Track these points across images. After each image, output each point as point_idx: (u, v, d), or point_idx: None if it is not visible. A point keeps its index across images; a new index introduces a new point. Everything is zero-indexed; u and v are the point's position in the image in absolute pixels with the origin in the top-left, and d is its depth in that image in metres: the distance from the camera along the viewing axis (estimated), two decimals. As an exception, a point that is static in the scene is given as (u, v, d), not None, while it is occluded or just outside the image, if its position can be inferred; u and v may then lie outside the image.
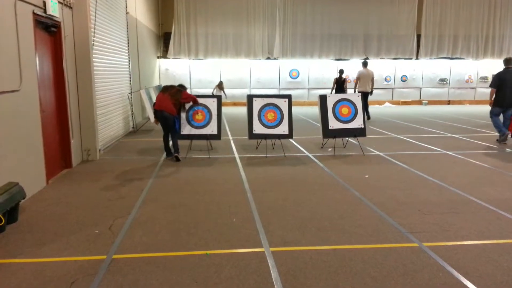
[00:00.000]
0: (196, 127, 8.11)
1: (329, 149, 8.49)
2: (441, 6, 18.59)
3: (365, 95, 12.53)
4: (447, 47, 18.88)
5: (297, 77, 19.13)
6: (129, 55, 11.29)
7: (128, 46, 11.25)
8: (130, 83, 11.39)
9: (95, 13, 8.06)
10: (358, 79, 13.29)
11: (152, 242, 3.99)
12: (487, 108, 10.09)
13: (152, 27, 16.42)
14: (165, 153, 7.89)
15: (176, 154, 7.60)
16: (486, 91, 18.84)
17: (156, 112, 7.66)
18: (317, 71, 18.97)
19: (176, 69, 18.34)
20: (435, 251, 3.79)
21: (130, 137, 10.27)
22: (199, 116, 8.13)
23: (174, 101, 7.60)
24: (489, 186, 5.97)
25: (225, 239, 4.06)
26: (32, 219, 4.64)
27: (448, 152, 8.31)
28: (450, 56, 18.90)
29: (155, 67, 17.38)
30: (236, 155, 8.11)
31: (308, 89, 19.02)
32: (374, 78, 13.89)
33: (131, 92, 11.30)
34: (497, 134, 9.55)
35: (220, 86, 16.57)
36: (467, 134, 10.57)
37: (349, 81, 16.64)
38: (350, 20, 18.30)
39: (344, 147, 8.74)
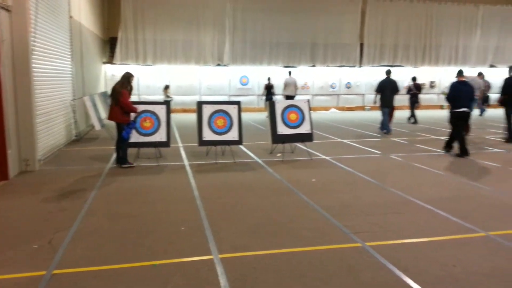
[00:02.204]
0: (144, 135, 7.93)
1: (278, 155, 8.63)
2: (382, 16, 19.53)
3: (290, 98, 15.01)
4: (388, 55, 19.85)
5: (247, 84, 19.29)
6: (72, 60, 10.85)
7: (72, 51, 10.82)
8: (73, 90, 10.94)
9: (36, 17, 7.69)
10: (284, 85, 15.88)
11: (96, 255, 3.85)
12: (426, 113, 10.75)
13: (98, 32, 15.90)
14: (115, 161, 7.71)
15: (121, 165, 7.46)
16: (425, 97, 19.80)
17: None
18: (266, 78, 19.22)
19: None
20: (377, 250, 3.97)
21: (73, 146, 9.85)
22: (147, 123, 7.96)
23: (117, 104, 7.38)
24: (426, 186, 6.34)
25: (174, 249, 4.00)
26: (-37, 236, 4.32)
27: (390, 155, 8.73)
28: (391, 64, 19.87)
29: (100, 73, 16.81)
30: (186, 162, 8.03)
31: (258, 95, 19.22)
32: (320, 85, 14.52)
33: (74, 99, 10.85)
34: (433, 137, 10.16)
35: (166, 90, 16.30)
36: (406, 138, 11.16)
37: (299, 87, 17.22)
38: (298, 28, 18.76)
39: (292, 152, 8.92)
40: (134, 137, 7.76)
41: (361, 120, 15.86)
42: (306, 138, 8.56)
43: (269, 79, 16.64)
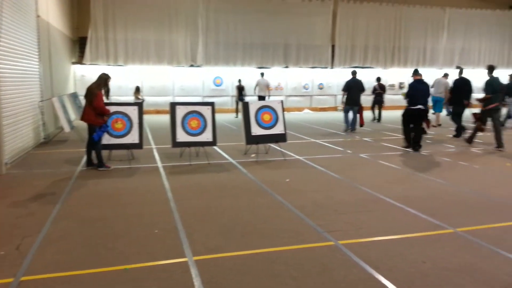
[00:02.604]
0: (116, 136, 7.79)
1: (252, 155, 8.65)
2: (353, 18, 19.88)
3: (261, 99, 15.58)
4: (358, 57, 20.21)
5: (221, 85, 19.23)
6: (40, 60, 10.53)
7: (39, 51, 10.50)
8: (41, 91, 10.62)
9: (1, 15, 7.42)
10: (256, 85, 16.44)
11: (66, 260, 3.75)
12: (394, 113, 11.03)
13: (67, 32, 15.49)
14: (85, 163, 7.54)
15: (98, 168, 7.34)
16: (392, 98, 20.25)
17: None
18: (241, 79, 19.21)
19: (93, 75, 17.26)
20: (350, 248, 4.04)
21: (41, 149, 9.56)
22: (118, 125, 7.82)
23: (91, 103, 7.26)
24: (396, 184, 6.50)
25: (147, 252, 3.95)
26: None
27: (360, 155, 8.90)
28: (361, 66, 20.26)
29: (69, 74, 16.38)
30: (159, 164, 7.94)
31: (232, 96, 19.18)
32: (294, 86, 14.66)
33: (42, 100, 10.53)
34: (400, 136, 10.43)
35: (137, 92, 16.03)
36: (375, 137, 11.41)
37: (270, 88, 17.40)
38: (270, 30, 18.84)
39: (267, 153, 8.96)
40: (106, 139, 7.61)
41: (334, 120, 16.08)
42: (279, 138, 8.62)
43: (239, 81, 16.98)
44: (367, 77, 17.46)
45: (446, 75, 14.12)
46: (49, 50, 11.85)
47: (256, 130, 8.42)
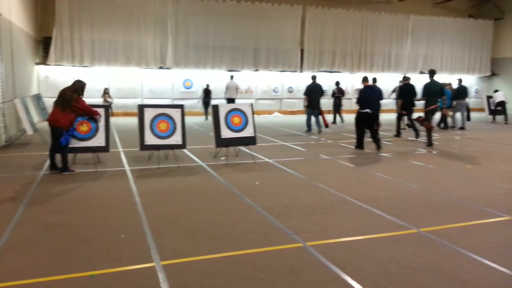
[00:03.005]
0: (81, 139, 7.59)
1: (222, 158, 8.64)
2: (321, 24, 20.19)
3: (231, 101, 15.72)
4: (327, 61, 20.54)
5: (191, 87, 19.09)
6: (1, 61, 10.12)
7: (0, 51, 10.09)
8: (3, 92, 10.20)
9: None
10: (226, 88, 16.64)
11: (28, 267, 3.62)
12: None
13: (30, 31, 14.95)
14: (49, 167, 7.30)
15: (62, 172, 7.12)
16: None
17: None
18: (211, 82, 19.14)
19: (58, 76, 16.91)
20: (317, 249, 4.11)
21: (2, 152, 9.17)
22: (84, 128, 7.62)
23: (66, 109, 7.06)
24: (363, 186, 6.66)
25: (113, 258, 3.87)
26: None
27: (327, 157, 9.06)
28: (329, 70, 20.62)
29: (32, 74, 15.83)
30: (127, 168, 7.79)
31: (198, 99, 19.01)
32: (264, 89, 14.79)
33: (3, 102, 10.13)
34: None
35: (105, 94, 15.69)
36: (344, 140, 11.63)
37: (240, 91, 17.58)
38: (240, 33, 18.87)
39: (236, 156, 8.97)
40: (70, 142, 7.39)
41: (303, 123, 16.21)
42: (249, 141, 8.65)
43: (207, 85, 17.43)
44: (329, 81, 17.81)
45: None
46: (11, 50, 11.41)
47: (226, 133, 8.41)
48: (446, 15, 22.40)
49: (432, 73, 10.88)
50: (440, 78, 19.24)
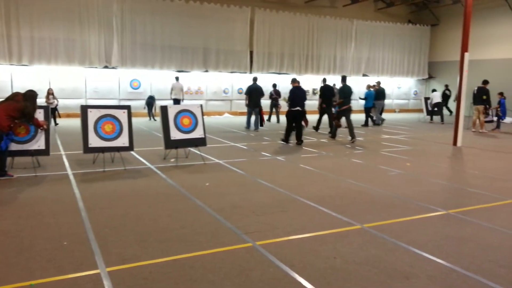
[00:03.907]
0: (19, 142, 7.16)
1: (172, 160, 8.50)
2: (269, 26, 20.44)
3: (177, 102, 16.11)
4: (275, 63, 20.84)
5: (138, 88, 18.59)
6: None
7: None
8: None
9: None
10: (171, 89, 16.88)
11: (-42, 281, 3.37)
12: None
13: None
14: None
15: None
16: (315, 103, 21.23)
17: None
18: (160, 82, 18.78)
19: (-8, 75, 15.83)
20: (266, 248, 4.16)
21: None
22: (21, 130, 7.19)
23: (13, 113, 6.68)
24: (310, 185, 6.83)
25: (54, 266, 3.69)
26: None
27: (276, 157, 9.20)
28: (278, 72, 20.93)
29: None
30: (69, 172, 7.45)
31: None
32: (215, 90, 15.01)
33: None
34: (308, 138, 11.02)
35: (49, 94, 14.88)
36: (292, 141, 11.87)
37: (186, 92, 18.00)
38: (189, 33, 18.64)
39: (187, 157, 8.86)
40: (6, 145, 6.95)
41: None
42: (199, 142, 8.59)
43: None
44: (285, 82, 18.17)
45: (344, 80, 15.15)
46: None
47: (175, 135, 8.29)
48: (387, 20, 23.52)
49: (344, 78, 12.57)
50: (382, 80, 20.23)
